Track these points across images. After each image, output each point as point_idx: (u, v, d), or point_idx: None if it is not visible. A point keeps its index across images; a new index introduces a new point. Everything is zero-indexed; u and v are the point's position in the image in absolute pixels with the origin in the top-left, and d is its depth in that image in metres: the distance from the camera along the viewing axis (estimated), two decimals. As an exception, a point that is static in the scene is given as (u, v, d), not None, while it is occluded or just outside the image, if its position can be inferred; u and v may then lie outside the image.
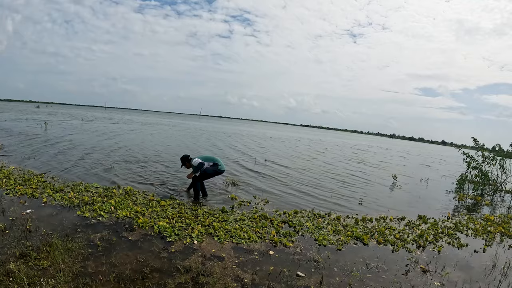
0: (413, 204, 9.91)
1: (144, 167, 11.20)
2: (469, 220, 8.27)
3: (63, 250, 4.25)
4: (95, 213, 5.81)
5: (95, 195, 6.91)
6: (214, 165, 7.94)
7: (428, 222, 7.60)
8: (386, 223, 7.24)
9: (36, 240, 4.55)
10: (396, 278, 4.53)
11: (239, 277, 4.08)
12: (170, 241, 4.98)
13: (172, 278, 3.90)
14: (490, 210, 10.35)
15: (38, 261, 3.95)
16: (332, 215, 7.43)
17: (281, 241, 5.40)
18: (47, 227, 5.03)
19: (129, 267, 4.04)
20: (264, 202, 8.12)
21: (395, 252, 5.54)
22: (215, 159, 8.11)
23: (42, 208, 5.96)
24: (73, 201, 6.34)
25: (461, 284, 4.54)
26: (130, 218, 5.79)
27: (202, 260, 4.43)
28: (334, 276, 4.37)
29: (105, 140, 18.87)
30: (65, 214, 5.75)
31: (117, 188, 7.68)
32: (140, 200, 6.93)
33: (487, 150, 14.25)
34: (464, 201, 11.22)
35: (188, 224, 5.73)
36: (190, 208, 6.77)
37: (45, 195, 6.61)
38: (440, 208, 9.69)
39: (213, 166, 7.92)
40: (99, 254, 4.31)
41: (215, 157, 8.30)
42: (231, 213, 6.78)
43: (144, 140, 21.40)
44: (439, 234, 6.70)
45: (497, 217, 9.01)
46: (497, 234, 7.21)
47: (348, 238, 5.91)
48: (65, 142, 15.80)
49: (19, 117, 33.07)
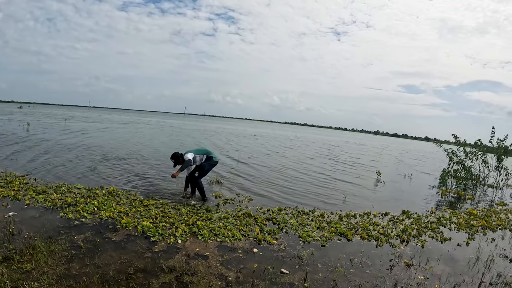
0: (397, 199, 10.06)
1: (120, 165, 11.13)
2: (452, 214, 8.41)
3: (47, 252, 4.20)
4: (78, 214, 5.74)
5: (78, 196, 6.82)
6: (208, 158, 7.81)
7: (411, 217, 7.71)
8: (370, 218, 7.31)
9: (19, 243, 4.48)
10: (380, 273, 4.57)
11: (224, 275, 4.09)
12: (154, 240, 4.96)
13: (156, 278, 3.89)
14: (473, 204, 10.54)
15: (22, 264, 3.89)
16: (316, 212, 7.47)
17: (265, 239, 5.41)
18: (30, 230, 4.95)
19: (113, 268, 4.01)
20: (248, 199, 8.16)
21: (379, 247, 5.60)
22: (207, 151, 7.97)
23: (25, 210, 5.87)
24: (56, 203, 6.25)
25: (444, 277, 4.60)
26: (113, 218, 5.74)
27: (186, 259, 4.43)
28: (318, 272, 4.40)
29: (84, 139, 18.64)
30: (48, 216, 5.67)
31: (100, 189, 7.60)
32: (123, 201, 6.87)
33: (469, 145, 14.50)
34: (447, 196, 11.44)
35: (172, 223, 5.70)
36: (173, 208, 6.74)
37: (28, 197, 6.50)
38: (423, 203, 9.88)
39: (208, 159, 7.80)
40: (82, 256, 4.27)
41: (206, 148, 8.20)
42: (215, 211, 6.77)
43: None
44: (422, 229, 6.79)
45: (480, 211, 9.19)
46: (480, 228, 7.33)
47: (332, 234, 5.94)
48: (48, 143, 15.55)
49: (0, 118, 32.47)
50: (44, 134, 19.84)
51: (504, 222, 8.01)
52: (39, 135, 18.62)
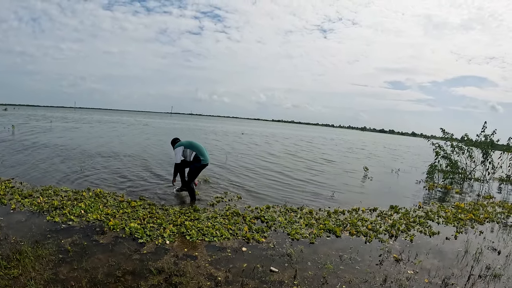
0: (384, 194, 10.16)
1: (108, 166, 11.04)
2: (440, 208, 8.51)
3: (34, 257, 4.14)
4: (65, 218, 5.67)
5: (64, 199, 6.74)
6: (196, 159, 7.41)
7: (400, 212, 7.77)
8: (358, 214, 7.35)
9: (5, 248, 4.41)
10: (369, 268, 4.60)
11: (213, 275, 4.08)
12: (142, 242, 4.92)
13: (145, 280, 3.86)
14: (461, 198, 10.67)
15: (9, 270, 3.84)
16: (304, 209, 7.48)
17: (254, 237, 5.41)
18: (16, 234, 4.88)
19: (101, 271, 3.98)
20: (237, 197, 8.16)
21: (368, 243, 5.63)
22: (198, 148, 7.52)
23: (11, 215, 5.77)
24: (42, 206, 6.16)
25: (434, 271, 4.65)
26: (100, 221, 5.68)
27: (175, 260, 4.41)
28: (307, 270, 4.41)
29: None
30: (35, 220, 5.59)
31: (87, 191, 7.53)
32: (110, 202, 6.79)
33: (456, 140, 14.69)
34: (434, 190, 11.56)
35: (160, 224, 5.66)
36: (161, 208, 6.70)
37: (14, 201, 6.39)
38: (411, 197, 9.99)
39: (196, 161, 7.41)
40: (70, 260, 4.22)
41: (197, 144, 7.69)
42: (203, 211, 6.73)
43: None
44: (411, 223, 6.84)
45: (467, 204, 9.31)
46: (467, 221, 7.43)
47: (321, 231, 5.96)
48: (34, 145, 15.30)
49: None
50: (30, 136, 19.49)
51: (491, 215, 8.13)
52: (24, 138, 18.29)
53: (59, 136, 21.32)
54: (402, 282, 4.22)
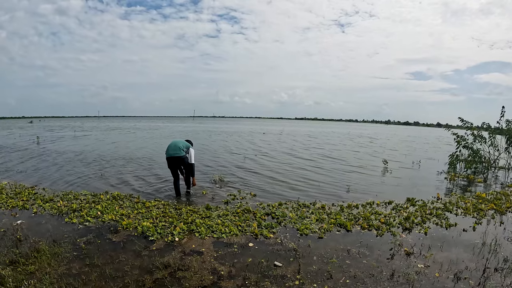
0: (403, 187, 9.92)
1: (127, 170, 11.34)
2: (460, 199, 8.22)
3: (50, 254, 4.41)
4: (82, 219, 5.95)
5: (83, 202, 7.04)
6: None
7: (416, 205, 7.56)
8: (372, 208, 7.23)
9: (25, 247, 4.70)
10: (377, 262, 4.49)
11: (216, 269, 4.18)
12: (152, 240, 5.10)
13: (151, 274, 4.02)
14: (484, 187, 10.32)
15: (26, 266, 4.11)
16: (317, 204, 7.45)
17: (262, 233, 5.46)
18: (36, 235, 5.18)
19: (110, 266, 4.19)
20: (250, 195, 8.23)
21: (379, 237, 5.51)
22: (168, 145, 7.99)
23: (32, 218, 6.13)
24: (62, 209, 6.49)
25: (446, 264, 4.44)
26: (115, 221, 5.91)
27: (181, 256, 4.55)
28: (312, 264, 4.39)
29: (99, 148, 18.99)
30: (54, 222, 5.91)
31: (104, 194, 7.83)
32: (126, 204, 7.04)
33: (477, 128, 14.17)
34: (456, 181, 11.22)
35: (171, 222, 5.82)
36: (174, 207, 6.88)
37: (36, 206, 6.78)
38: (431, 189, 9.68)
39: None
40: (83, 256, 4.46)
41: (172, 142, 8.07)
42: (215, 209, 6.82)
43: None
44: (427, 216, 6.64)
45: (489, 194, 8.92)
46: (488, 212, 7.13)
47: (331, 225, 5.90)
48: (57, 154, 16.05)
49: (13, 133, 33.67)
50: (54, 145, 20.43)
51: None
52: (48, 147, 19.19)
53: (81, 143, 22.26)
54: (410, 277, 4.05)
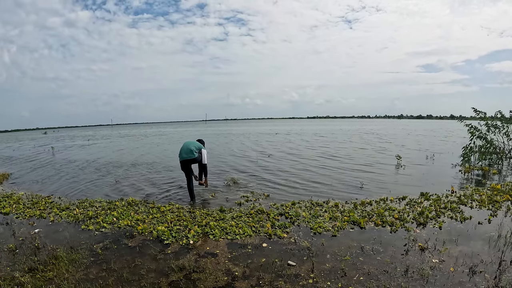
0: (416, 182, 9.79)
1: (142, 176, 11.48)
2: (474, 191, 8.09)
3: (68, 261, 4.53)
4: (98, 226, 6.07)
5: (99, 209, 7.18)
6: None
7: (430, 199, 7.48)
8: (386, 204, 7.18)
9: (43, 255, 4.84)
10: (391, 259, 4.45)
11: (230, 270, 4.23)
12: (167, 243, 5.18)
13: (166, 277, 4.10)
14: (499, 179, 10.16)
15: (45, 273, 4.23)
16: (330, 202, 7.42)
17: (276, 233, 5.48)
18: (53, 243, 5.31)
19: (127, 270, 4.28)
20: (264, 196, 8.25)
21: (393, 233, 5.47)
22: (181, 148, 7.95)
23: (49, 226, 6.28)
24: (78, 217, 6.63)
25: (461, 259, 4.37)
26: (131, 226, 6.02)
27: (196, 258, 4.61)
28: (325, 263, 4.39)
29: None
30: (71, 229, 6.04)
31: (120, 201, 7.96)
32: (141, 209, 7.15)
33: (490, 118, 13.92)
34: (470, 173, 11.05)
35: (186, 226, 5.89)
36: (188, 211, 6.96)
37: (52, 215, 6.93)
38: (445, 183, 9.50)
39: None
40: (100, 262, 4.58)
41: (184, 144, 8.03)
42: (228, 211, 6.88)
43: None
44: (441, 210, 6.57)
45: (505, 185, 8.73)
46: (504, 203, 7.01)
47: (345, 223, 5.90)
48: (71, 163, 16.40)
49: (27, 144, 34.66)
50: (68, 155, 20.90)
51: (530, 195, 7.57)
52: (63, 157, 19.63)
53: (93, 152, 22.65)
54: (424, 272, 3.99)
